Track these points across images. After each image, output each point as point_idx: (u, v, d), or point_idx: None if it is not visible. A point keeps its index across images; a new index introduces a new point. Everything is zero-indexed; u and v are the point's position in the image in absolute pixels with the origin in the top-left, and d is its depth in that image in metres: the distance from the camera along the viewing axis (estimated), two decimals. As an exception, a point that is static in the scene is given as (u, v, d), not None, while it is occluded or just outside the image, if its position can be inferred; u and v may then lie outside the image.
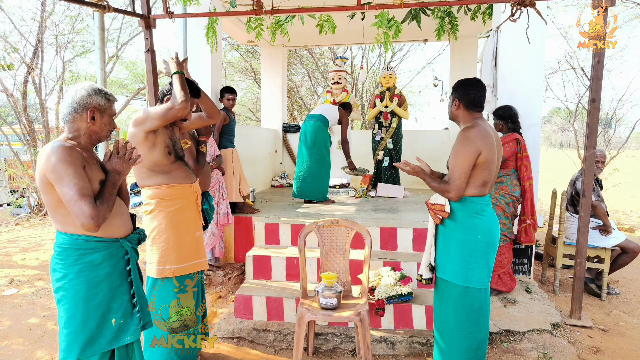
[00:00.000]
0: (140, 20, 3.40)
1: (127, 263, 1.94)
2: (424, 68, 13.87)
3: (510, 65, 3.99)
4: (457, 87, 2.39)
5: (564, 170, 12.71)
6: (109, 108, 1.90)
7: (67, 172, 1.68)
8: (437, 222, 2.37)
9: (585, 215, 3.28)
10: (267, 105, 7.78)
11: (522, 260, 4.10)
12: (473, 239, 2.28)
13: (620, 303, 3.98)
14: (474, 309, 2.31)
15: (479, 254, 2.28)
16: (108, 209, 1.78)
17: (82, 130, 1.85)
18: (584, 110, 10.36)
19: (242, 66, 13.92)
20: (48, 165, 1.70)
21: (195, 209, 2.62)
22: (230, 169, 4.39)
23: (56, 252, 1.84)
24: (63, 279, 1.81)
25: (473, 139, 2.22)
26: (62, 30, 9.49)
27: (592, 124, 3.21)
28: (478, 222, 2.29)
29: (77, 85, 1.87)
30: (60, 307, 1.85)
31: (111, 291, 1.88)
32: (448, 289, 2.36)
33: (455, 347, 2.36)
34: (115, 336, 1.89)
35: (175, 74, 2.44)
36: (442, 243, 2.39)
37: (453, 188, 2.25)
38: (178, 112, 2.34)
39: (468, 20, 4.82)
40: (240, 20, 5.84)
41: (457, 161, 2.24)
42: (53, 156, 1.69)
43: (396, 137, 5.96)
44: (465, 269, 2.28)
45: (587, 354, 3.03)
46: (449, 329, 2.38)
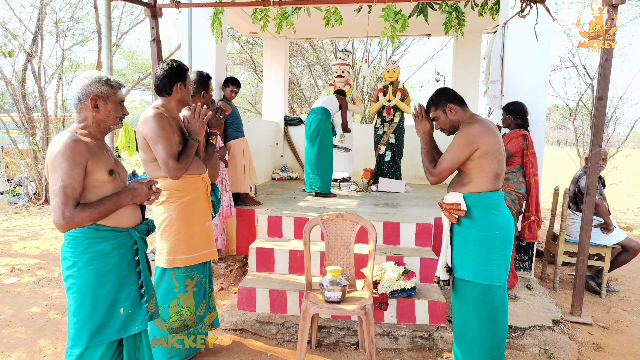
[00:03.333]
0: (146, 9, 3.37)
1: (136, 253, 1.94)
2: (425, 63, 13.84)
3: (517, 62, 3.98)
4: (440, 96, 2.41)
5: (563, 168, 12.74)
6: (112, 95, 1.88)
7: (62, 165, 1.69)
8: (453, 221, 2.35)
9: (589, 213, 3.30)
10: (269, 97, 7.74)
11: (523, 257, 4.12)
12: (491, 235, 2.26)
13: (619, 301, 4.01)
14: (495, 306, 2.29)
15: (498, 250, 2.27)
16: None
17: (89, 119, 1.86)
18: (584, 108, 10.38)
19: (242, 57, 13.83)
20: (51, 154, 1.74)
21: (205, 200, 2.63)
22: (240, 159, 4.36)
23: (66, 240, 1.84)
24: (73, 267, 1.81)
25: (472, 134, 2.23)
26: (62, 17, 9.40)
27: (598, 122, 3.22)
28: (495, 218, 2.28)
29: (81, 74, 1.88)
30: (69, 295, 1.85)
31: (119, 280, 1.88)
32: (468, 289, 2.34)
33: (479, 347, 2.33)
34: (124, 326, 1.89)
35: (192, 139, 2.45)
36: (458, 242, 2.37)
37: (436, 173, 2.33)
38: (168, 172, 2.36)
39: (473, 16, 4.80)
40: (244, 11, 5.79)
41: (449, 152, 2.30)
42: (57, 146, 1.72)
43: (398, 131, 5.95)
44: (485, 266, 2.27)
45: (588, 350, 3.05)
46: (472, 330, 2.35)
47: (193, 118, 2.48)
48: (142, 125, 2.39)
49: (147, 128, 2.35)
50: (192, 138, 2.46)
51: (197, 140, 2.47)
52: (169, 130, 2.36)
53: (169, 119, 2.41)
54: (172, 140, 2.37)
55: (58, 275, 4.22)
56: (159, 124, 2.33)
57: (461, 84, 6.79)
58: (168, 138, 2.34)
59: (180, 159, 2.36)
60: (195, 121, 2.48)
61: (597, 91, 3.22)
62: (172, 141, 2.36)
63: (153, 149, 2.36)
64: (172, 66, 2.45)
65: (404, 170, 6.31)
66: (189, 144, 2.43)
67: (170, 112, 2.47)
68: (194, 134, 2.48)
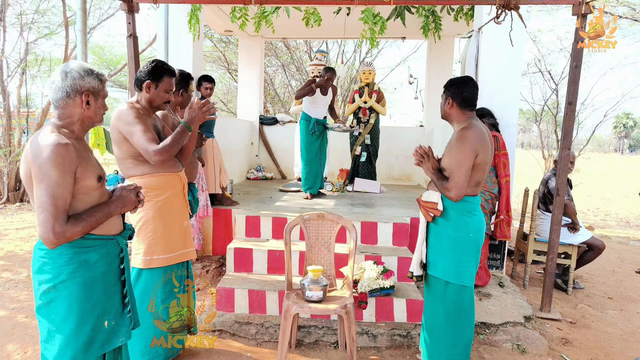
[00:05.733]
0: (122, 3, 3.28)
1: (122, 261, 1.83)
2: (398, 65, 13.99)
3: (491, 66, 4.10)
4: (450, 86, 2.38)
5: (529, 170, 13.20)
6: (102, 90, 1.73)
7: (50, 174, 1.53)
8: (429, 219, 2.41)
9: (559, 214, 3.43)
10: (244, 97, 7.67)
11: (495, 256, 4.24)
12: (465, 237, 2.33)
13: (584, 297, 4.19)
14: (464, 306, 2.37)
15: (470, 252, 2.34)
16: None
17: (76, 116, 1.69)
18: (549, 112, 10.77)
19: (214, 56, 13.65)
20: (35, 159, 1.55)
21: (182, 198, 2.58)
22: (210, 159, 4.31)
23: (43, 251, 1.65)
24: (53, 280, 1.64)
25: (471, 140, 2.24)
26: (26, 10, 9.03)
27: (568, 125, 3.35)
28: (470, 221, 2.34)
29: (64, 67, 1.68)
30: (46, 313, 1.67)
31: (106, 291, 1.75)
32: (439, 286, 2.41)
33: (445, 344, 2.41)
34: (107, 339, 1.76)
35: (184, 125, 2.38)
36: (433, 241, 2.43)
37: (453, 186, 2.24)
38: (150, 158, 2.29)
39: (448, 20, 4.90)
40: (221, 9, 5.72)
41: (458, 161, 2.24)
42: (44, 151, 1.54)
43: (374, 133, 6.02)
44: (457, 266, 2.34)
45: (557, 345, 3.18)
46: (439, 326, 2.42)
47: (196, 108, 2.41)
48: (116, 120, 2.34)
49: (122, 122, 2.31)
50: (184, 123, 2.37)
51: (188, 127, 2.38)
52: (144, 118, 2.33)
53: (143, 114, 2.38)
54: (149, 126, 2.33)
55: (25, 277, 4.06)
56: (133, 114, 2.31)
57: (434, 87, 6.92)
58: (144, 124, 2.30)
59: (164, 143, 2.28)
60: (195, 110, 2.41)
61: (567, 96, 3.35)
62: (148, 126, 2.32)
63: (131, 140, 2.30)
64: (153, 65, 2.41)
65: (379, 171, 6.39)
66: (179, 129, 2.34)
67: (143, 109, 2.43)
68: (189, 121, 2.39)
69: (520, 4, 3.15)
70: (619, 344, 3.24)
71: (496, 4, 3.19)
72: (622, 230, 7.64)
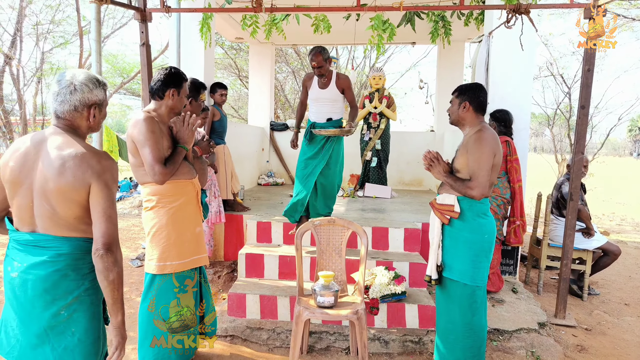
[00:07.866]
0: (136, 13, 3.34)
1: None
2: (408, 70, 14.00)
3: (502, 71, 4.08)
4: (467, 90, 2.44)
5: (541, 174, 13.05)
6: (105, 99, 1.72)
7: None
8: (445, 222, 2.41)
9: (572, 218, 3.39)
10: (255, 103, 7.73)
11: (508, 261, 4.20)
12: (480, 238, 2.35)
13: (600, 303, 4.12)
14: (477, 307, 2.37)
15: (485, 253, 2.37)
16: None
17: (83, 128, 1.65)
18: (562, 116, 10.66)
19: (225, 63, 13.78)
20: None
21: (195, 205, 2.60)
22: (222, 166, 4.36)
23: (66, 262, 1.59)
24: (75, 292, 1.61)
25: (490, 141, 2.31)
26: (42, 20, 9.23)
27: (581, 129, 3.32)
28: (484, 222, 2.37)
29: (71, 78, 1.59)
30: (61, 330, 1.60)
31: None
32: (456, 289, 2.40)
33: (461, 346, 2.40)
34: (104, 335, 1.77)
35: (180, 147, 2.44)
36: (449, 243, 2.43)
37: (477, 185, 2.29)
38: (152, 175, 2.32)
39: (458, 25, 4.91)
40: (232, 17, 5.79)
41: (480, 162, 2.29)
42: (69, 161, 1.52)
43: (384, 138, 6.02)
44: (473, 268, 2.34)
45: (573, 352, 3.13)
46: (455, 328, 2.42)
47: (182, 126, 2.47)
48: (132, 129, 2.37)
49: (137, 131, 2.33)
50: (181, 146, 2.46)
51: (185, 148, 2.47)
52: (157, 134, 2.34)
53: (159, 124, 2.40)
54: (160, 145, 2.35)
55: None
56: (148, 127, 2.32)
57: (445, 92, 6.90)
58: (156, 142, 2.32)
59: (167, 164, 2.35)
60: (184, 129, 2.47)
61: (579, 100, 3.32)
62: (160, 145, 2.34)
63: (140, 151, 2.34)
64: (170, 72, 2.44)
65: (390, 176, 6.38)
66: (177, 151, 2.44)
67: (160, 117, 2.45)
68: (182, 142, 2.47)
69: (530, 8, 3.14)
70: (637, 351, 3.18)
71: (506, 8, 3.18)
72: (638, 235, 7.50)
